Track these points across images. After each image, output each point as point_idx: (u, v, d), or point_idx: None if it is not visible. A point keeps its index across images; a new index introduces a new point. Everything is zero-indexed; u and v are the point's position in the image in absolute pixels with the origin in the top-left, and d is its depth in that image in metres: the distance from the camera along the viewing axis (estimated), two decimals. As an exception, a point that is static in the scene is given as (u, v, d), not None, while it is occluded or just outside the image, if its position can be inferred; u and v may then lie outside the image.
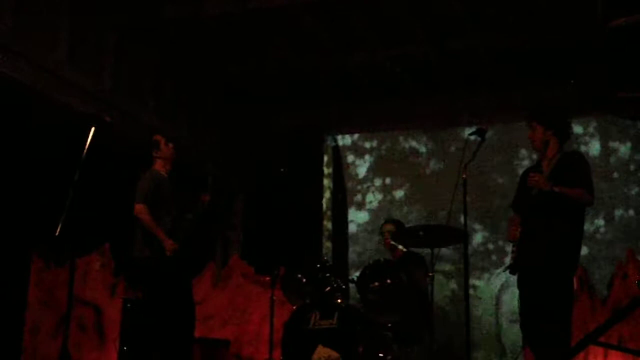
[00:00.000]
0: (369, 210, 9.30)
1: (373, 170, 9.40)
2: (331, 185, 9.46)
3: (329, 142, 9.56)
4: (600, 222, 8.36)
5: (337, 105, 8.80)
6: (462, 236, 5.49)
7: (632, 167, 8.34)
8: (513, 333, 8.03)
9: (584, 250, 8.10)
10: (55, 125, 6.55)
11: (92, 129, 5.04)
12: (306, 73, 8.20)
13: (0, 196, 6.23)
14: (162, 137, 5.88)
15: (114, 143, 6.32)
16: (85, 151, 4.96)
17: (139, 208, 5.51)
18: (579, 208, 4.75)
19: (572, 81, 7.54)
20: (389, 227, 6.60)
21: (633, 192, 8.26)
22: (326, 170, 9.49)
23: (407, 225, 6.65)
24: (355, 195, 9.40)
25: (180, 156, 5.98)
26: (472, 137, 5.28)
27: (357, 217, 9.34)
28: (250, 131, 9.10)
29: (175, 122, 8.15)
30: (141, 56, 7.69)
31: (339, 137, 9.56)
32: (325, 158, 9.51)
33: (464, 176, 5.14)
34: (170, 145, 5.84)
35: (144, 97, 7.76)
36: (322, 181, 9.39)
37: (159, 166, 5.79)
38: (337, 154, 9.51)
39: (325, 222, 9.33)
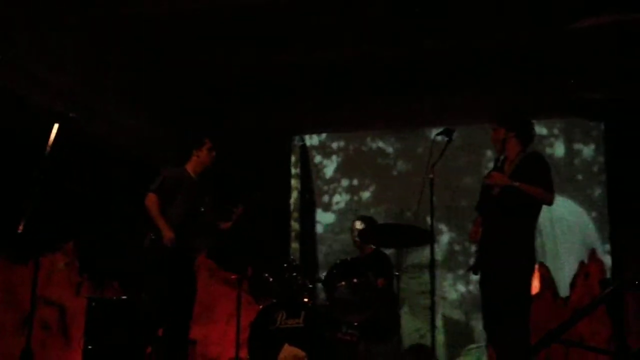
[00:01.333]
0: (336, 211, 9.34)
1: (340, 171, 9.44)
2: (299, 186, 9.48)
3: (297, 142, 9.57)
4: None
5: (305, 104, 8.81)
6: (428, 237, 5.56)
7: (595, 169, 8.48)
8: (480, 331, 8.16)
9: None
10: (19, 121, 6.47)
11: (56, 126, 5.03)
12: (274, 72, 8.19)
13: None
14: (209, 141, 5.98)
15: (78, 139, 6.28)
16: (48, 148, 4.94)
17: (149, 197, 5.64)
18: (536, 208, 4.85)
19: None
20: (359, 224, 6.64)
21: (596, 194, 8.40)
22: (293, 171, 9.50)
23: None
24: (323, 195, 9.43)
25: (143, 156, 5.95)
26: (439, 138, 5.35)
27: (323, 218, 9.38)
28: (216, 129, 9.07)
29: (139, 118, 8.10)
30: (105, 52, 7.62)
31: (307, 137, 9.59)
32: (293, 158, 9.52)
33: (431, 176, 5.22)
34: (213, 153, 5.96)
35: (108, 92, 7.69)
36: (289, 181, 9.40)
37: (190, 166, 5.91)
38: (305, 154, 9.53)
39: (292, 223, 9.35)
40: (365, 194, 9.32)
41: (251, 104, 8.79)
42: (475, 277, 5.02)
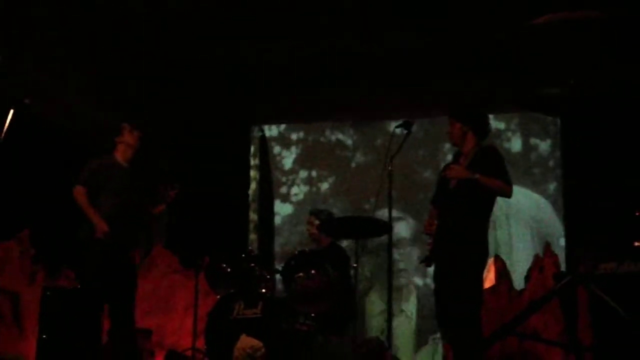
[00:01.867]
0: (294, 203, 9.34)
1: (299, 162, 9.44)
2: (257, 176, 9.46)
3: (256, 133, 9.54)
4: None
5: (264, 95, 8.78)
6: (386, 228, 5.60)
7: (551, 164, 8.61)
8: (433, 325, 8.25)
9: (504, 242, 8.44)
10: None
11: (11, 112, 4.95)
12: (233, 62, 8.15)
13: None
14: (129, 124, 5.86)
15: (33, 126, 6.19)
16: (2, 134, 4.85)
17: (76, 189, 5.55)
18: (491, 201, 4.92)
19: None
20: (313, 218, 6.66)
21: (552, 188, 8.54)
22: (252, 161, 9.48)
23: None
24: (281, 187, 9.42)
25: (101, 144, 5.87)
26: (398, 130, 5.39)
27: (281, 210, 9.37)
28: (176, 120, 9.01)
29: (96, 107, 7.98)
30: (64, 36, 7.50)
31: (266, 127, 9.56)
32: (252, 149, 9.49)
33: (390, 168, 5.25)
34: (136, 133, 5.84)
35: (66, 78, 7.57)
36: (248, 172, 9.37)
37: (119, 153, 5.80)
38: (264, 145, 9.51)
39: (251, 214, 9.33)
40: (324, 186, 9.34)
41: (210, 94, 8.73)
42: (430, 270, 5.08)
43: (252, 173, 9.43)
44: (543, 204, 8.52)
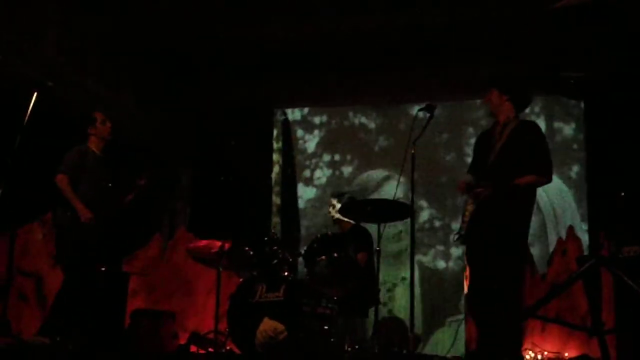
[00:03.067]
0: (317, 186, 9.31)
1: (322, 146, 9.39)
2: (280, 160, 9.43)
3: (279, 116, 9.51)
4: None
5: (287, 78, 8.74)
6: (409, 212, 5.54)
7: (575, 146, 8.49)
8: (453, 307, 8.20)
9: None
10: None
11: (35, 95, 4.95)
12: (256, 45, 8.11)
13: None
14: (101, 114, 6.02)
15: (56, 109, 6.20)
16: (27, 117, 4.86)
17: (59, 178, 5.73)
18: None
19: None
20: (335, 201, 6.62)
21: (575, 170, 8.43)
22: (275, 145, 9.44)
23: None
24: (304, 170, 9.39)
25: (125, 128, 5.94)
26: (421, 114, 5.31)
27: (305, 193, 9.35)
28: (199, 104, 8.99)
29: (119, 91, 8.00)
30: (86, 23, 7.51)
31: (289, 111, 9.52)
32: (275, 132, 9.46)
33: (412, 152, 5.18)
34: (108, 124, 6.00)
35: (88, 64, 7.58)
36: (271, 155, 9.35)
37: (92, 143, 5.97)
38: (287, 128, 9.47)
39: (274, 197, 9.31)
40: (347, 169, 9.29)
41: (233, 78, 8.71)
42: (456, 252, 5.01)
43: (275, 157, 9.40)
44: (565, 191, 8.41)
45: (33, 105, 4.90)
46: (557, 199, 8.37)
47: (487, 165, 4.79)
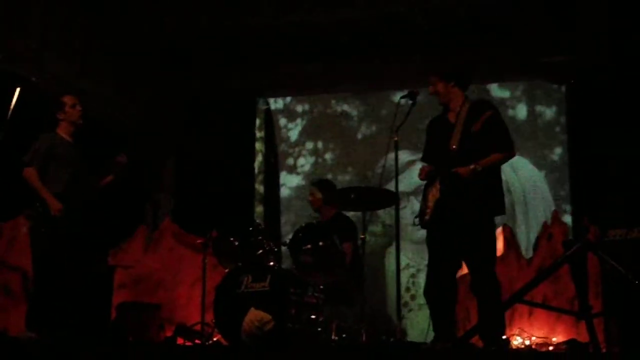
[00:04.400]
0: (301, 174, 9.28)
1: (305, 134, 9.35)
2: (263, 149, 9.39)
3: (261, 105, 9.45)
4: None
5: (269, 67, 8.68)
6: (393, 199, 5.51)
7: (557, 129, 8.50)
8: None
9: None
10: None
11: (18, 90, 4.89)
12: (238, 35, 8.05)
13: None
14: (71, 97, 5.65)
15: (39, 104, 6.11)
16: (10, 112, 4.80)
17: (25, 171, 5.43)
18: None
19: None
20: (315, 189, 6.60)
21: (557, 153, 8.44)
22: (258, 134, 9.40)
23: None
24: (287, 158, 9.35)
25: (107, 120, 5.76)
26: (403, 101, 5.29)
27: (288, 181, 9.30)
28: (181, 93, 8.92)
29: (102, 82, 7.89)
30: (69, 15, 7.42)
31: (271, 100, 9.47)
32: (258, 121, 9.41)
33: (396, 139, 5.15)
34: (78, 108, 5.64)
35: (72, 57, 7.49)
36: (254, 144, 9.30)
37: (62, 129, 5.62)
38: (269, 117, 9.42)
39: (257, 186, 9.27)
40: (330, 157, 9.26)
41: (215, 66, 8.64)
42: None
43: (258, 145, 9.36)
44: (537, 174, 8.43)
45: (16, 100, 4.84)
46: (528, 182, 8.38)
47: (448, 152, 4.85)
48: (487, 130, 4.80)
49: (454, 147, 4.84)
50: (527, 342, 6.02)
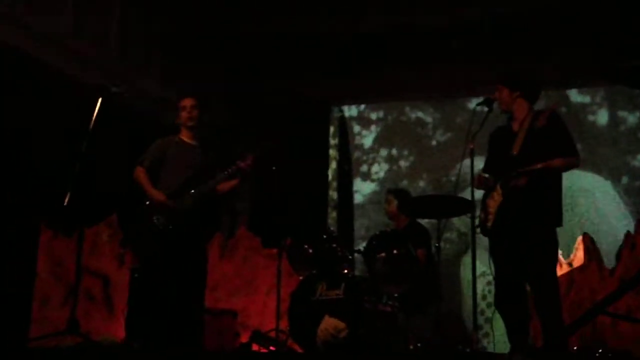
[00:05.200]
0: (375, 181, 9.26)
1: (379, 141, 9.33)
2: (337, 156, 9.41)
3: (335, 113, 9.49)
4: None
5: (343, 75, 8.70)
6: (468, 207, 5.44)
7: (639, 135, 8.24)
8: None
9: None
10: (63, 96, 6.48)
11: (99, 100, 5.03)
12: (312, 41, 8.10)
13: (10, 167, 6.17)
14: (184, 100, 5.52)
15: (120, 113, 6.28)
16: (92, 122, 4.94)
17: (136, 169, 5.44)
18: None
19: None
20: (391, 197, 6.57)
21: (638, 160, 8.17)
22: (332, 141, 9.43)
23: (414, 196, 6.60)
24: (361, 165, 9.35)
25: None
26: (479, 108, 5.22)
27: (362, 188, 9.30)
28: (256, 102, 9.01)
29: (180, 92, 8.02)
30: (147, 25, 7.59)
31: (345, 107, 9.50)
32: (332, 129, 9.45)
33: (471, 146, 5.08)
34: (187, 110, 5.47)
35: (151, 67, 7.65)
36: (327, 152, 9.32)
37: (183, 134, 5.53)
38: (343, 125, 9.44)
39: (330, 193, 9.30)
40: (405, 164, 9.21)
41: (289, 75, 8.71)
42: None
43: (332, 152, 9.39)
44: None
45: (98, 110, 4.98)
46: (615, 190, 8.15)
47: (509, 159, 4.74)
48: (551, 128, 4.68)
49: (514, 152, 4.76)
50: (610, 355, 5.83)
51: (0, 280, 6.06)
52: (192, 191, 5.33)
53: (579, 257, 6.25)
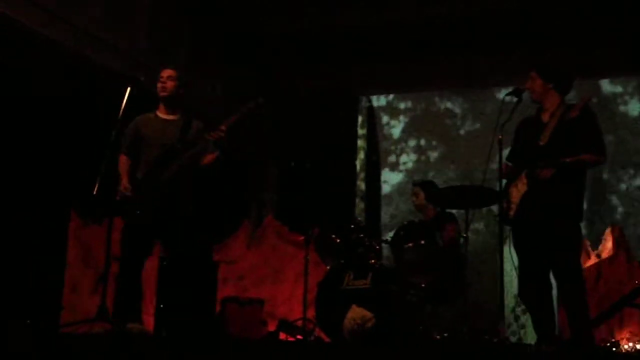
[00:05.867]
0: (403, 171, 9.24)
1: (408, 131, 9.31)
2: (365, 146, 9.41)
3: (364, 103, 9.47)
4: (637, 181, 8.18)
5: (371, 65, 8.67)
6: (496, 197, 5.41)
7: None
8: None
9: (620, 210, 8.06)
10: (92, 85, 6.52)
11: (128, 89, 5.06)
12: (340, 32, 8.08)
13: (41, 154, 6.20)
14: (164, 71, 5.20)
15: (148, 103, 6.32)
16: (121, 111, 4.98)
17: (119, 158, 5.22)
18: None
19: None
20: (418, 189, 6.56)
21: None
22: (360, 131, 9.42)
23: (441, 186, 6.57)
24: (390, 155, 9.34)
25: (215, 122, 5.48)
26: (508, 98, 5.18)
27: (391, 178, 9.29)
28: (284, 93, 9.01)
29: (208, 83, 8.07)
30: (176, 18, 7.62)
31: (374, 97, 9.47)
32: (360, 119, 9.43)
33: (500, 137, 5.04)
34: (160, 82, 5.15)
35: (179, 59, 7.70)
36: (355, 142, 9.31)
37: (159, 108, 5.24)
38: (372, 115, 9.42)
39: (358, 183, 9.30)
40: (433, 154, 9.18)
41: (318, 65, 8.71)
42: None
43: (360, 143, 9.37)
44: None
45: (127, 99, 5.01)
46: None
47: (537, 149, 4.70)
48: (583, 122, 4.63)
49: (542, 143, 4.72)
50: (639, 347, 5.78)
51: (31, 268, 6.10)
52: (167, 170, 5.07)
53: (607, 248, 6.19)
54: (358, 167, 9.29)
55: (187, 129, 5.20)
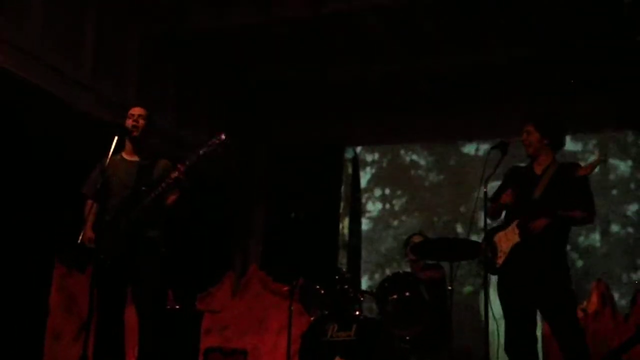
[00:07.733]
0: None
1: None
2: (349, 195, 8.88)
3: (348, 154, 8.95)
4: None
5: (356, 118, 8.31)
6: (478, 250, 4.92)
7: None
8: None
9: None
10: (80, 134, 6.04)
11: (115, 138, 4.50)
12: (324, 87, 7.78)
13: (24, 203, 5.75)
14: (135, 109, 4.68)
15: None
16: (107, 159, 4.43)
17: (85, 204, 4.69)
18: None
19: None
20: (417, 239, 6.03)
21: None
22: (344, 181, 8.92)
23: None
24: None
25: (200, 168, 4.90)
26: (493, 152, 4.72)
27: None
28: (269, 142, 8.59)
29: (196, 131, 7.57)
30: (164, 66, 7.23)
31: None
32: (346, 169, 8.93)
33: (485, 190, 4.57)
34: (130, 120, 4.62)
35: (166, 106, 7.23)
36: (339, 193, 8.77)
37: (125, 148, 4.70)
38: (356, 165, 8.90)
39: (341, 230, 8.74)
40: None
41: (302, 118, 8.36)
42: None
43: (344, 192, 8.85)
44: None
45: (114, 147, 4.46)
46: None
47: (531, 202, 4.31)
48: (577, 181, 4.24)
49: (536, 195, 4.32)
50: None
51: (13, 315, 5.64)
52: (133, 212, 4.48)
53: (592, 302, 5.71)
54: (340, 216, 8.71)
55: (152, 169, 4.65)
